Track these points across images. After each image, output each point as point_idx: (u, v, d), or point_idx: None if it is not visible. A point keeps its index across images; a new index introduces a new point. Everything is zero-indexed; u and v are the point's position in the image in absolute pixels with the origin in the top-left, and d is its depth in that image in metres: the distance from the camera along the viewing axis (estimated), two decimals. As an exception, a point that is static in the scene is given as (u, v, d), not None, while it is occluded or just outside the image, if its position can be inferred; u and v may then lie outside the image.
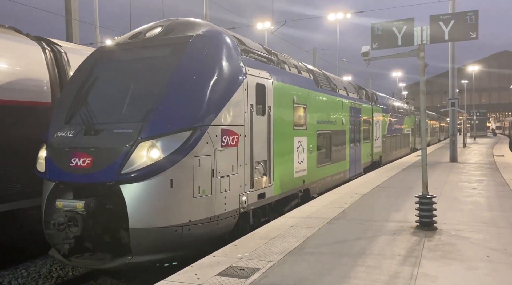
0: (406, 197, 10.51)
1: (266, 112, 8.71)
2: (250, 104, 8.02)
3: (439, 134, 53.69)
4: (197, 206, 6.75)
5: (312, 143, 11.39)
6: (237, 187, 7.59)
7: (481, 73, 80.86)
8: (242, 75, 7.79)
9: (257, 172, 8.37)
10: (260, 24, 31.92)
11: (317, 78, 12.38)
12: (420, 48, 7.64)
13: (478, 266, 5.49)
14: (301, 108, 10.73)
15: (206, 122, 6.90)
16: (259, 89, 8.40)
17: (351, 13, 32.99)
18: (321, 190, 12.21)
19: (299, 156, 10.51)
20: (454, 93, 21.52)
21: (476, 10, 7.32)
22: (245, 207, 7.84)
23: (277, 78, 9.27)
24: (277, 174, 9.16)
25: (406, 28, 7.70)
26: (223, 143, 7.18)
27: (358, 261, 5.71)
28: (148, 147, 6.43)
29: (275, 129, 9.06)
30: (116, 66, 7.91)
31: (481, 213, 8.73)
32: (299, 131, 10.50)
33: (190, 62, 7.25)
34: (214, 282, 5.03)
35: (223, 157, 7.19)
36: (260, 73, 8.52)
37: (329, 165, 12.96)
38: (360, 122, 16.64)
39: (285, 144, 9.66)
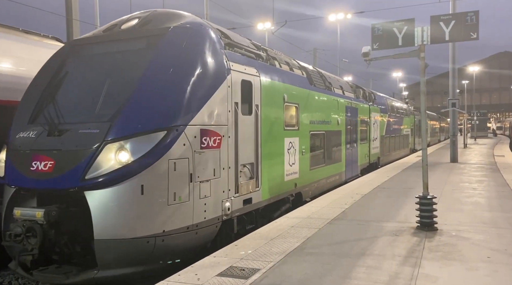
0: (407, 198, 10.51)
1: (253, 111, 8.12)
2: (235, 103, 7.44)
3: (439, 134, 53.30)
4: (172, 215, 6.17)
5: (304, 144, 10.84)
6: (219, 192, 7.02)
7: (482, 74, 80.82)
8: (225, 71, 7.20)
9: (243, 176, 7.79)
10: (260, 24, 31.93)
11: (310, 76, 11.82)
12: (421, 48, 7.63)
13: (478, 266, 5.49)
14: (293, 107, 10.19)
15: (183, 121, 6.31)
16: (245, 86, 7.83)
17: (351, 13, 33.05)
18: (315, 194, 11.71)
19: (290, 158, 9.96)
20: (455, 93, 21.51)
21: (477, 11, 7.32)
22: (228, 214, 7.27)
23: (265, 75, 8.73)
24: (266, 177, 8.63)
25: (406, 29, 7.69)
26: (203, 144, 6.62)
27: (358, 262, 5.70)
28: (116, 150, 5.86)
29: (263, 129, 8.50)
30: (88, 61, 7.33)
31: (482, 213, 8.72)
32: (290, 132, 9.96)
33: (166, 56, 6.69)
34: (215, 282, 5.02)
35: (203, 160, 6.61)
36: (246, 69, 7.94)
37: (323, 167, 12.40)
38: (357, 122, 16.15)
39: (274, 145, 9.12)
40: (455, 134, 21.58)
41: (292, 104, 10.07)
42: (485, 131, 66.45)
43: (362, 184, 13.31)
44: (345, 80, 17.39)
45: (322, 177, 12.33)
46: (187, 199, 6.36)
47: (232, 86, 7.36)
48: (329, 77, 14.26)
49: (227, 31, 8.44)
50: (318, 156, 12.05)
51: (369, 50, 8.00)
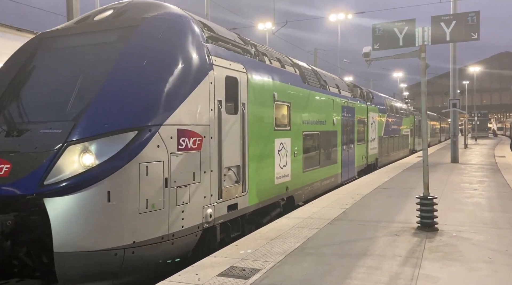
0: (407, 198, 10.50)
1: (239, 110, 7.55)
2: (218, 101, 6.89)
3: (440, 135, 53.03)
4: (144, 224, 5.61)
5: (297, 145, 10.29)
6: (199, 198, 6.48)
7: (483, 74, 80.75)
8: (206, 66, 6.64)
9: (228, 180, 7.23)
10: (261, 24, 31.94)
11: (304, 74, 11.25)
12: (422, 48, 7.63)
13: (479, 267, 5.48)
14: (284, 106, 9.66)
15: (157, 120, 5.75)
16: (230, 83, 7.29)
17: (352, 13, 33.07)
18: (308, 197, 11.15)
19: (281, 160, 9.40)
20: (455, 94, 21.50)
21: (478, 11, 7.31)
22: (210, 222, 6.72)
23: (254, 72, 8.15)
24: (254, 181, 8.07)
25: (407, 29, 7.69)
26: (181, 146, 6.07)
27: (359, 262, 5.70)
28: (80, 152, 5.31)
29: (251, 129, 7.93)
30: (56, 55, 6.77)
31: (482, 214, 8.71)
32: (281, 132, 9.41)
33: (139, 48, 6.19)
34: (215, 282, 5.02)
35: (180, 163, 6.06)
36: (232, 65, 7.37)
37: (317, 169, 11.84)
38: (354, 123, 15.65)
39: (263, 146, 8.55)
40: (456, 135, 21.58)
41: (283, 103, 9.55)
42: (486, 132, 66.46)
43: (363, 184, 13.30)
44: (341, 79, 16.91)
45: (316, 180, 11.81)
46: (161, 206, 5.79)
47: (215, 83, 6.80)
48: (325, 76, 13.79)
49: (211, 24, 7.90)
50: (312, 157, 11.55)
51: (369, 50, 8.00)
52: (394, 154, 23.61)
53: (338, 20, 33.69)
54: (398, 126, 24.61)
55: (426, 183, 7.67)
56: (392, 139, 22.94)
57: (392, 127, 22.97)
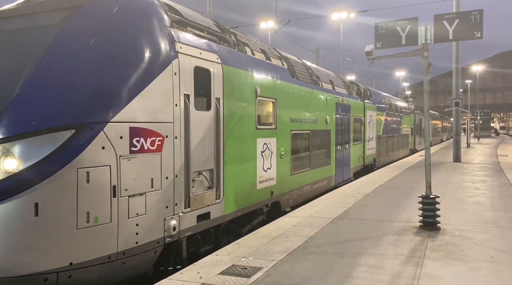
0: (409, 197, 10.48)
1: (212, 105, 6.73)
2: (185, 95, 6.07)
3: (441, 134, 52.57)
4: (83, 242, 4.76)
5: (284, 145, 9.48)
6: (160, 208, 5.62)
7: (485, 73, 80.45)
8: (170, 53, 5.79)
9: (198, 186, 6.43)
10: (263, 23, 31.90)
11: (293, 68, 10.45)
12: (424, 47, 7.61)
13: (481, 266, 5.47)
14: (269, 102, 8.83)
15: (101, 117, 4.90)
16: (201, 75, 6.46)
17: (354, 12, 32.96)
18: (297, 202, 10.39)
19: (265, 162, 8.57)
20: (458, 93, 21.46)
21: (481, 10, 7.29)
22: (174, 235, 5.88)
23: (231, 63, 7.32)
24: (231, 186, 7.28)
25: (410, 28, 7.67)
26: (135, 147, 5.21)
27: (361, 261, 5.69)
28: (0, 155, 4.54)
29: (228, 128, 7.14)
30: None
31: (485, 213, 8.69)
32: (265, 131, 8.59)
33: (80, 31, 5.29)
34: (217, 280, 5.03)
35: (134, 167, 5.20)
36: (203, 54, 6.52)
37: (308, 171, 11.02)
38: (349, 121, 14.88)
39: (242, 147, 7.71)
40: (458, 134, 21.54)
41: (267, 99, 8.73)
42: (489, 131, 66.31)
43: (365, 183, 13.29)
44: (336, 75, 16.04)
45: (307, 183, 11.00)
46: (107, 220, 4.96)
47: (181, 74, 5.95)
48: (317, 71, 13.02)
49: (179, 7, 6.94)
50: (302, 159, 10.75)
51: (372, 49, 7.99)
52: (394, 154, 22.99)
53: (341, 18, 33.59)
54: (397, 125, 23.93)
55: (428, 182, 7.66)
56: (391, 139, 22.25)
57: (392, 126, 22.29)
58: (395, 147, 23.28)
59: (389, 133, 21.61)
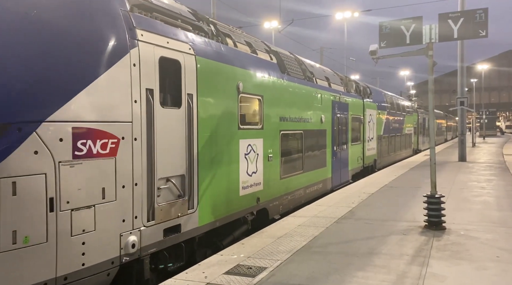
0: (414, 197, 10.45)
1: (183, 102, 5.93)
2: (148, 90, 5.27)
3: (446, 133, 51.73)
4: (8, 267, 4.01)
5: (272, 147, 8.70)
6: (114, 222, 4.84)
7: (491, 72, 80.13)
8: (126, 41, 4.98)
9: (165, 195, 5.63)
10: (267, 23, 31.93)
11: (283, 63, 9.69)
12: (429, 46, 7.59)
13: (487, 266, 5.45)
14: (254, 100, 8.10)
15: (32, 115, 4.15)
16: (168, 67, 5.71)
17: (358, 11, 32.93)
18: (288, 208, 9.57)
19: (250, 166, 7.83)
20: (463, 92, 21.37)
21: (486, 8, 7.26)
22: (133, 253, 5.08)
23: (207, 55, 6.55)
24: (207, 194, 6.52)
25: (414, 27, 7.65)
26: (79, 151, 4.44)
27: (366, 261, 5.69)
28: None
29: (203, 128, 6.37)
30: None
31: (491, 213, 8.65)
32: (249, 132, 7.83)
33: (5, 8, 4.47)
34: (222, 280, 5.04)
35: (78, 175, 4.43)
36: (171, 43, 5.74)
37: (300, 174, 10.27)
38: (348, 120, 14.11)
39: (221, 149, 6.95)
40: (464, 133, 21.45)
41: (252, 96, 7.96)
42: (494, 130, 66.00)
43: (369, 183, 13.27)
44: (333, 71, 15.15)
45: (299, 187, 10.25)
46: (42, 240, 4.21)
47: (142, 65, 5.17)
48: (312, 66, 12.19)
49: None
50: (294, 161, 10.00)
51: (376, 48, 7.98)
52: (396, 155, 22.16)
53: (345, 18, 33.57)
54: (400, 125, 23.05)
55: (433, 181, 7.64)
56: (393, 139, 21.38)
57: (393, 125, 21.42)
58: (397, 147, 22.50)
59: (390, 132, 20.85)
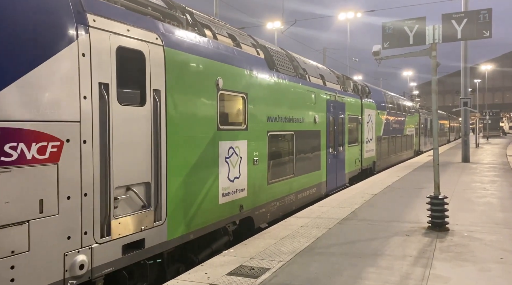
0: (417, 198, 10.42)
1: (148, 99, 5.25)
2: (102, 84, 4.60)
3: (449, 134, 51.05)
4: None
5: (258, 149, 8.04)
6: (56, 240, 4.18)
7: (494, 72, 79.84)
8: (74, 27, 4.34)
9: (124, 206, 4.93)
10: (270, 23, 31.92)
11: (272, 58, 9.00)
12: (432, 47, 7.57)
13: (491, 267, 5.42)
14: (236, 98, 7.46)
15: None
16: (129, 58, 5.05)
17: (361, 12, 32.89)
18: (277, 216, 8.91)
19: (232, 171, 7.19)
20: (467, 92, 21.31)
21: (490, 9, 7.23)
22: (82, 275, 4.42)
23: (180, 46, 5.88)
24: (178, 203, 5.82)
25: (417, 27, 7.63)
26: (7, 157, 3.81)
27: (369, 262, 5.67)
28: None
29: (173, 129, 5.67)
30: None
31: (494, 214, 8.61)
32: (231, 133, 7.17)
33: None
34: (224, 281, 5.04)
35: (7, 185, 3.82)
36: (133, 31, 5.04)
37: (291, 179, 9.61)
38: (344, 121, 13.41)
39: (196, 153, 6.23)
40: (467, 134, 21.38)
41: (234, 94, 7.33)
42: (498, 131, 65.80)
43: (372, 184, 13.24)
44: (329, 69, 14.35)
45: (290, 192, 9.56)
46: None
47: (94, 56, 4.49)
48: (305, 63, 11.44)
49: None
50: (283, 164, 9.37)
51: (379, 48, 7.96)
52: (396, 156, 21.48)
53: (348, 18, 33.55)
54: (400, 125, 22.33)
55: (437, 182, 7.61)
56: (393, 140, 20.65)
57: (394, 126, 20.72)
58: (397, 149, 21.78)
59: (391, 133, 20.15)
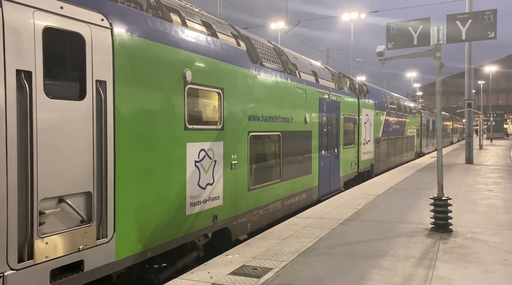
0: (421, 199, 10.39)
1: (89, 92, 4.48)
2: (21, 72, 3.89)
3: (452, 136, 50.30)
4: None
5: (237, 152, 7.23)
6: None
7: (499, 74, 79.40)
8: None
9: (54, 221, 4.16)
10: (273, 24, 31.93)
11: (255, 51, 8.22)
12: (437, 48, 7.55)
13: (495, 269, 5.40)
14: (210, 93, 6.62)
15: None
16: (63, 42, 4.35)
17: (365, 12, 32.85)
18: (260, 225, 8.11)
19: (204, 176, 6.33)
20: (471, 93, 21.24)
21: (495, 9, 7.22)
22: None
23: (134, 30, 5.05)
24: (131, 215, 4.98)
25: (422, 28, 7.62)
26: None
27: (371, 263, 5.66)
28: None
29: (123, 127, 4.83)
30: None
31: (498, 216, 8.58)
32: (202, 133, 6.32)
33: None
34: (227, 280, 5.05)
35: None
36: (67, 9, 4.28)
37: (277, 184, 8.76)
38: (339, 121, 12.63)
39: (155, 156, 5.37)
40: (471, 135, 21.32)
41: (207, 88, 6.48)
42: (502, 132, 65.58)
43: (375, 185, 13.22)
44: (323, 65, 13.35)
45: (275, 199, 8.70)
46: None
47: (8, 37, 3.80)
48: (295, 58, 10.63)
49: None
50: (268, 168, 8.59)
51: (383, 49, 7.95)
52: (396, 159, 20.66)
53: (351, 19, 33.52)
54: (401, 126, 21.48)
55: (440, 183, 7.59)
56: (393, 141, 19.82)
57: (394, 126, 19.88)
58: (397, 151, 20.91)
59: (390, 134, 19.30)
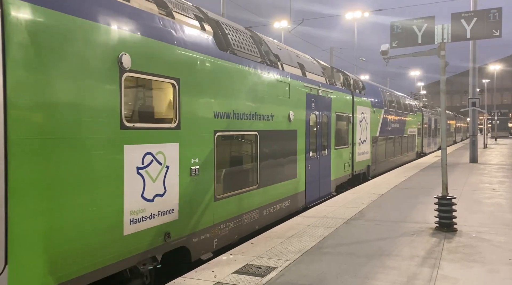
0: (425, 198, 10.36)
1: None
2: None
3: (455, 135, 49.31)
4: None
5: (199, 155, 6.18)
6: None
7: (503, 72, 79.13)
8: None
9: None
10: (277, 23, 31.89)
11: (226, 37, 7.16)
12: (441, 46, 7.52)
13: (500, 269, 5.38)
14: (160, 84, 5.67)
15: None
16: None
17: (369, 11, 32.75)
18: (231, 240, 7.00)
19: (151, 186, 5.26)
20: (475, 92, 21.15)
21: (500, 8, 7.18)
22: None
23: (48, 2, 4.07)
24: (36, 241, 3.96)
25: (426, 26, 7.59)
26: None
27: (376, 262, 5.65)
28: None
29: (22, 126, 3.85)
30: None
31: (503, 215, 8.54)
32: (148, 133, 5.23)
33: None
34: (231, 279, 5.05)
35: None
36: None
37: (253, 191, 7.64)
38: (330, 119, 11.54)
39: (75, 162, 4.32)
40: (475, 134, 21.23)
41: (154, 78, 5.40)
42: (506, 131, 65.32)
43: (379, 184, 13.19)
44: (312, 58, 12.24)
45: (250, 209, 7.57)
46: None
47: None
48: (279, 49, 9.47)
49: None
50: (242, 173, 7.59)
51: (387, 48, 7.93)
52: (395, 159, 19.62)
53: (355, 18, 33.43)
54: (401, 125, 20.33)
55: (444, 183, 7.57)
56: (391, 141, 18.76)
57: (393, 125, 18.79)
58: (397, 151, 19.86)
59: (389, 134, 18.18)
